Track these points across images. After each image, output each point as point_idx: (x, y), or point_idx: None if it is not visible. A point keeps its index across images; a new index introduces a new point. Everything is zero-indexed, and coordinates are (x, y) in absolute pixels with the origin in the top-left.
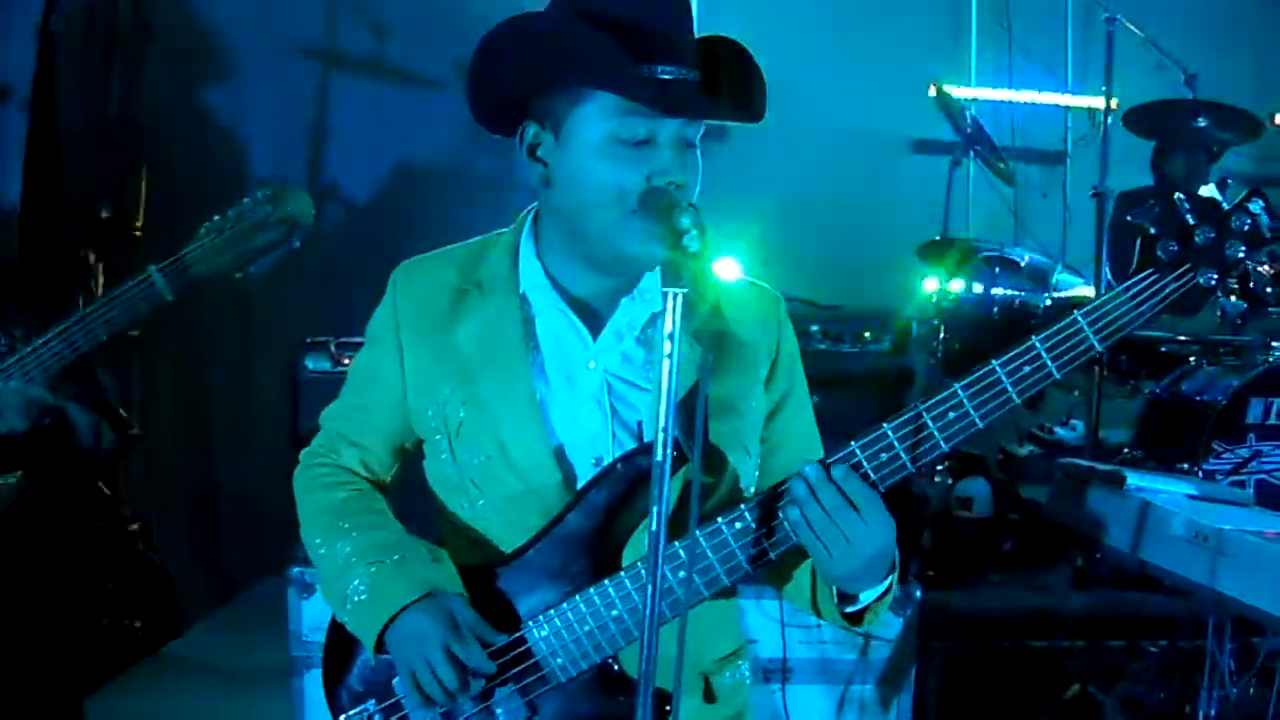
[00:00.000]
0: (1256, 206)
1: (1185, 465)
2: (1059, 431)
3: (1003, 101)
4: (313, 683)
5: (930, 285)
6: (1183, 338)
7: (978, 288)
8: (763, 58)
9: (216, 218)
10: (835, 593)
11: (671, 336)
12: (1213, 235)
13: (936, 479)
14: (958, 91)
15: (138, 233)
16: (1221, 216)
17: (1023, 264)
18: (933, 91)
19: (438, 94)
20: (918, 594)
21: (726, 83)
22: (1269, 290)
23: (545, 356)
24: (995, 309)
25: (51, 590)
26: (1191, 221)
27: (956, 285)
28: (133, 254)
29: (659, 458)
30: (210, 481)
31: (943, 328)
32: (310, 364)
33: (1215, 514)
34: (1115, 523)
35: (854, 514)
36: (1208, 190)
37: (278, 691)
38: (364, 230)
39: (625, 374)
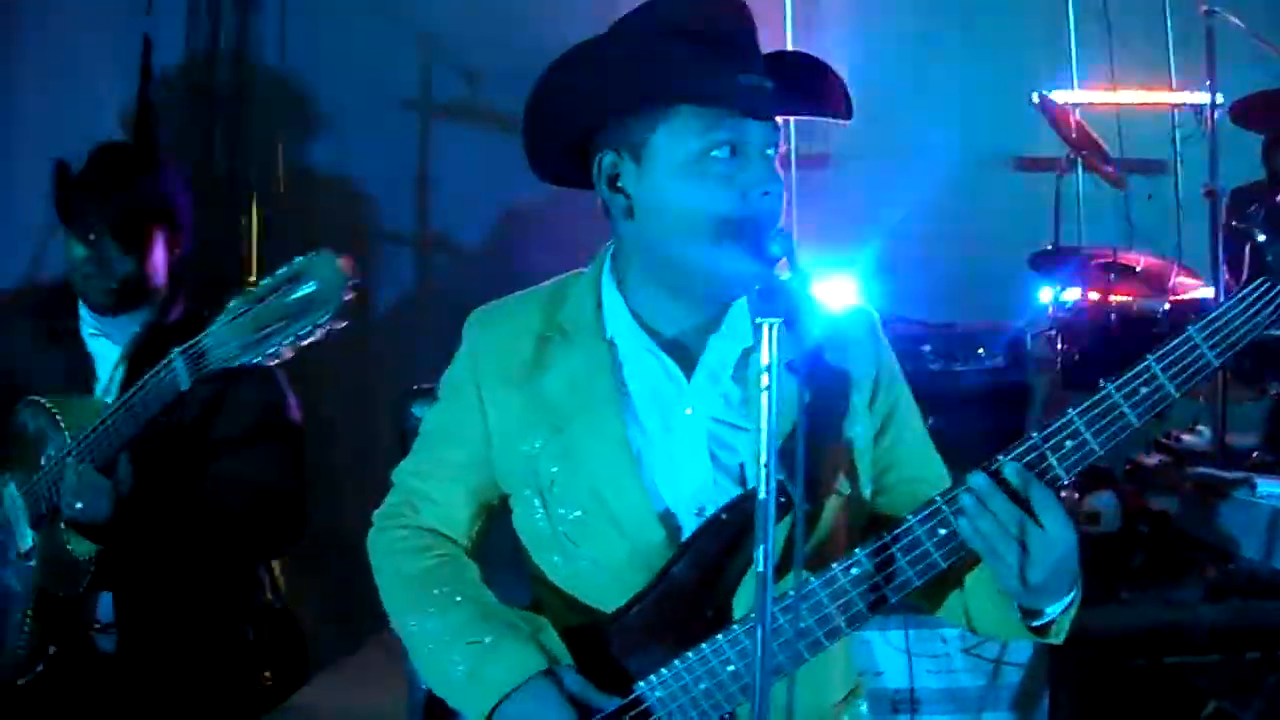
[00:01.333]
0: None
1: None
2: (1186, 439)
3: (1107, 104)
4: None
5: (1045, 295)
6: None
7: (1093, 295)
8: (858, 77)
9: (248, 294)
10: (1016, 606)
11: (769, 369)
12: None
13: (1063, 494)
14: (1060, 96)
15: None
16: None
17: (1138, 268)
18: (1035, 97)
19: None
20: None
21: (805, 85)
22: None
23: (638, 403)
24: (1113, 315)
25: (189, 653)
26: None
27: (1071, 294)
28: None
29: (762, 496)
30: (335, 530)
31: (1060, 338)
32: (417, 411)
33: None
34: (1247, 532)
35: (1030, 520)
36: None
37: None
38: (473, 277)
39: (724, 416)
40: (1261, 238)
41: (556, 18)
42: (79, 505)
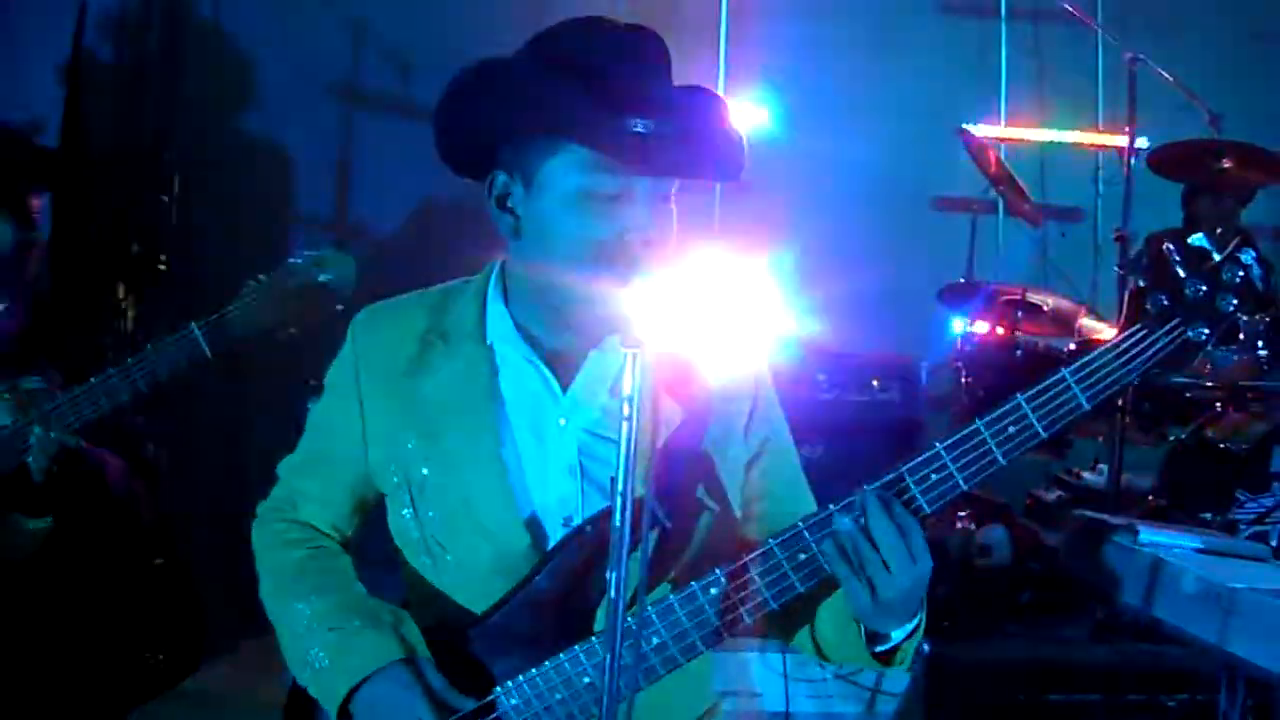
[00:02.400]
0: (1248, 257)
1: (1209, 514)
2: (1086, 477)
3: (1032, 140)
4: None
5: (957, 327)
6: (1209, 384)
7: (1000, 331)
8: (787, 90)
9: (262, 277)
10: (863, 630)
11: (630, 398)
12: (1203, 289)
13: (958, 525)
14: (985, 130)
15: (162, 267)
16: (1213, 268)
17: (1046, 307)
18: (960, 129)
19: None
20: (925, 648)
21: (708, 139)
22: (1260, 342)
23: (512, 411)
24: (1018, 352)
25: (76, 629)
26: (1182, 274)
27: (980, 328)
28: (160, 290)
29: (617, 521)
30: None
31: (964, 371)
32: (311, 405)
33: (1229, 570)
34: (1128, 577)
35: (900, 542)
36: (1197, 240)
37: None
38: (388, 268)
39: (597, 429)
40: (1142, 283)
41: (491, 15)
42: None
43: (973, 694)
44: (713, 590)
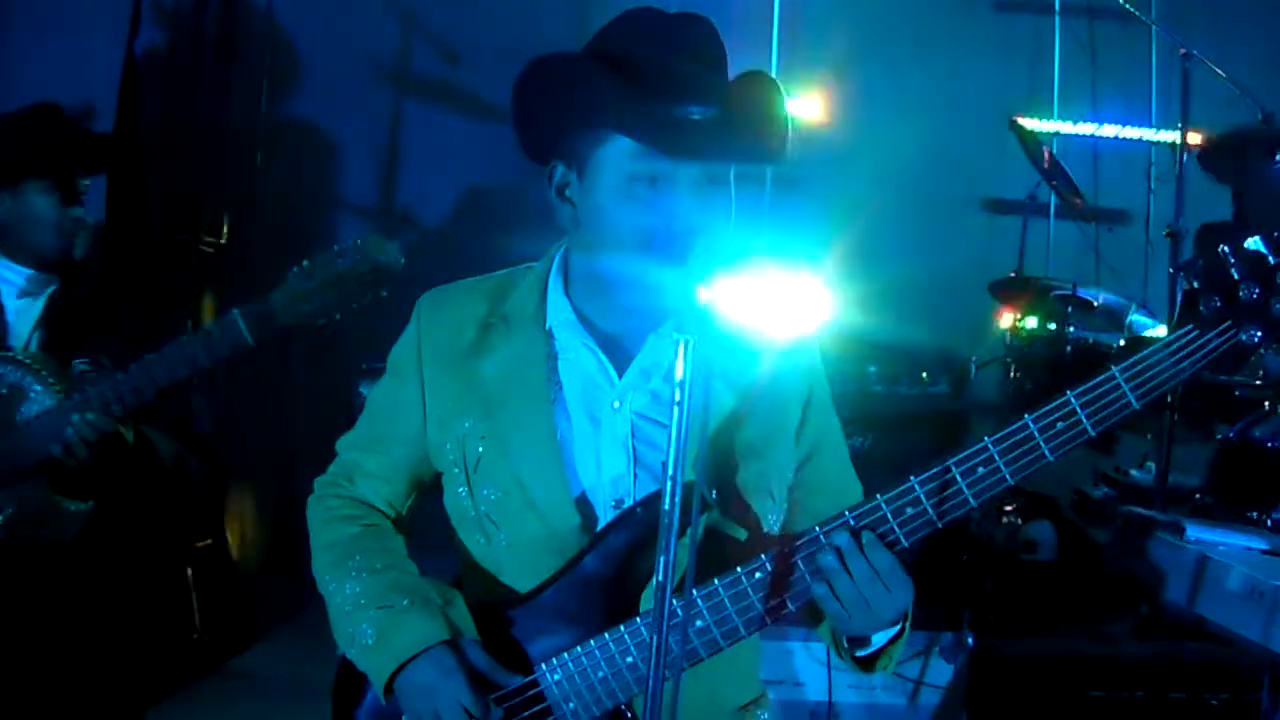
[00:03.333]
0: None
1: (1255, 514)
2: (1134, 474)
3: (1084, 138)
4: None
5: (1005, 322)
6: (1258, 382)
7: (1050, 326)
8: (840, 83)
9: (305, 263)
10: (845, 640)
11: (682, 384)
12: (1258, 291)
13: (1004, 519)
14: (1038, 125)
15: (210, 250)
16: (1268, 271)
17: (1097, 303)
18: (1013, 122)
19: (506, 122)
20: (969, 641)
21: (750, 124)
22: None
23: (568, 394)
24: (1068, 348)
25: (118, 610)
26: (1236, 277)
27: (1030, 323)
28: (211, 275)
29: (666, 506)
30: (285, 500)
31: (1013, 367)
32: (364, 389)
33: (1275, 569)
34: (1173, 574)
35: (879, 584)
36: (1253, 244)
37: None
38: (434, 256)
39: (652, 414)
40: (1196, 285)
41: (538, 3)
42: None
43: (1015, 688)
44: (757, 575)
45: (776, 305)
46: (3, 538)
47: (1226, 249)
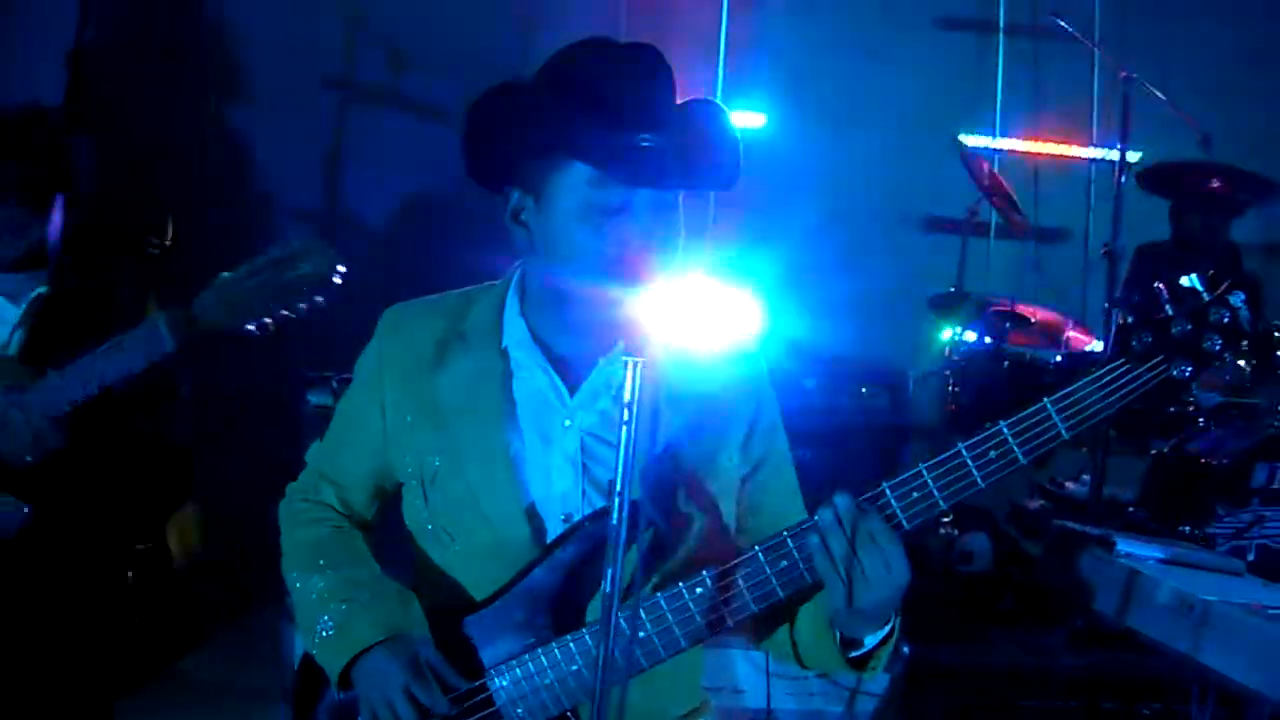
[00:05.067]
0: (1237, 300)
1: (1187, 528)
2: (1069, 487)
3: (1025, 158)
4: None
5: (945, 335)
6: (1190, 408)
7: (988, 341)
8: (786, 91)
9: (227, 274)
10: (838, 636)
11: (630, 405)
12: (1189, 328)
13: (941, 530)
14: (979, 141)
15: (154, 251)
16: (1200, 309)
17: (1034, 320)
18: (955, 140)
19: (450, 127)
20: (905, 650)
21: (702, 150)
22: (1246, 382)
23: (521, 411)
24: (1005, 362)
25: (58, 615)
26: (1170, 313)
27: (968, 338)
28: (157, 277)
29: (614, 521)
30: (218, 507)
31: (951, 380)
32: (313, 398)
33: (1203, 583)
34: (1104, 587)
35: (878, 551)
36: (1188, 280)
37: (270, 716)
38: (378, 262)
39: (601, 432)
40: (1129, 320)
41: (487, 10)
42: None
43: (951, 697)
44: (698, 590)
45: (711, 320)
46: None
47: (1160, 285)
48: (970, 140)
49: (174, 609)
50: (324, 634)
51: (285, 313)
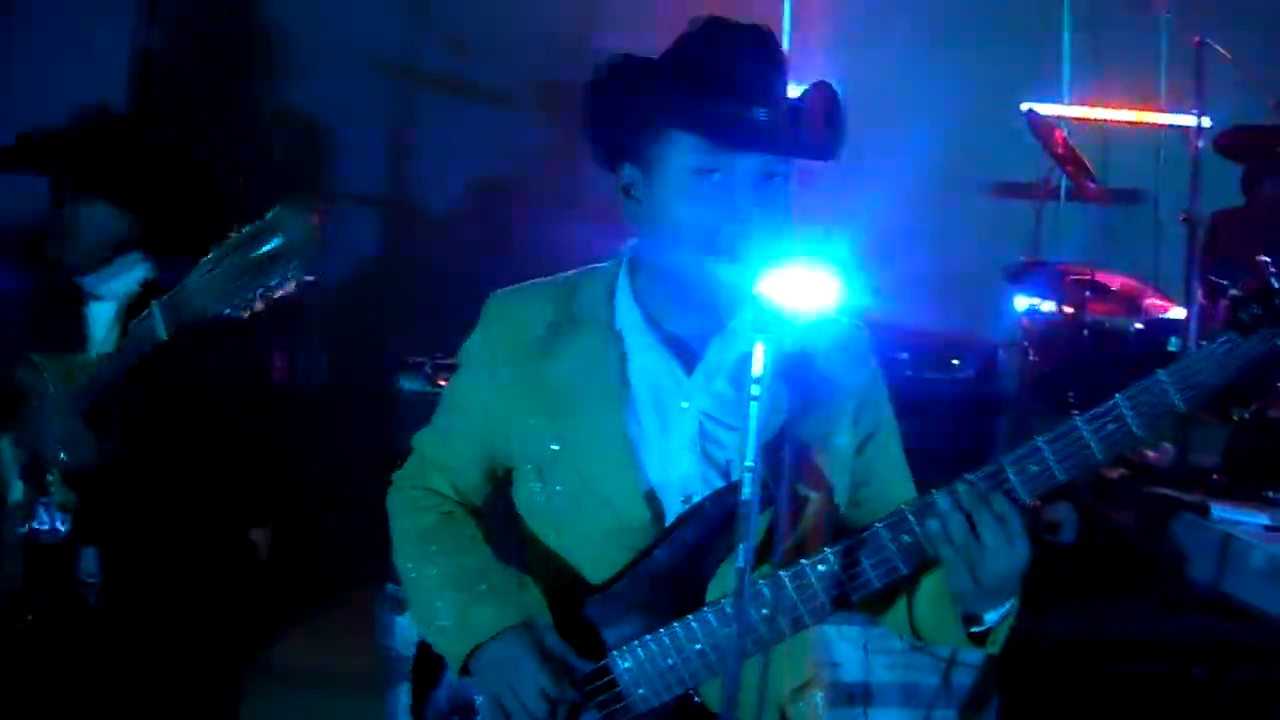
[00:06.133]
0: None
1: (1271, 492)
2: (1150, 454)
3: (1093, 123)
4: (402, 695)
5: (1020, 306)
6: None
7: (1068, 310)
8: (847, 77)
9: (212, 252)
10: (959, 614)
11: (759, 381)
12: None
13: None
14: (1049, 110)
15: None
16: None
17: (1114, 287)
18: (1024, 108)
19: (514, 110)
20: None
21: (806, 123)
22: None
23: (638, 394)
24: (1085, 331)
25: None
26: (1276, 285)
27: (1047, 308)
28: None
29: (745, 497)
30: (303, 494)
31: (1031, 350)
32: (405, 384)
33: None
34: (1198, 553)
35: (1002, 532)
36: None
37: (367, 702)
38: (448, 248)
39: (716, 413)
40: (1237, 293)
41: None
42: (63, 455)
43: (1043, 666)
44: (820, 568)
45: (819, 295)
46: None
47: (1268, 259)
48: (1041, 109)
49: (263, 594)
50: (442, 623)
51: (265, 291)
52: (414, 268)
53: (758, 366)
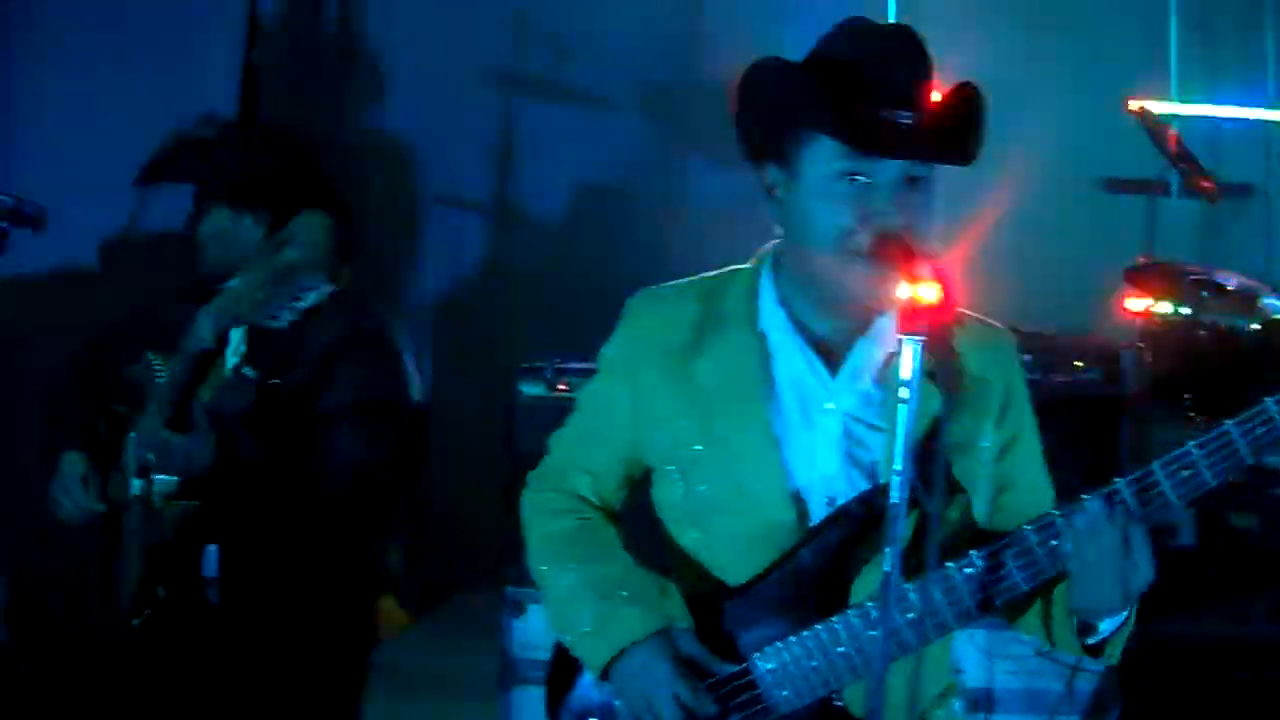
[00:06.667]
0: None
1: None
2: (1269, 459)
3: (1204, 118)
4: (522, 698)
5: (1136, 309)
6: None
7: (1185, 311)
8: (957, 76)
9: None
10: (1075, 623)
11: (908, 384)
12: None
13: None
14: (1158, 107)
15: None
16: None
17: (1230, 286)
18: (1135, 107)
19: (619, 115)
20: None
21: (949, 126)
22: None
23: (782, 395)
24: (1203, 333)
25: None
26: None
27: (1163, 309)
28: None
29: (894, 499)
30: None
31: (1149, 352)
32: (526, 389)
33: None
34: None
35: (1128, 553)
36: None
37: (486, 705)
38: (555, 253)
39: (862, 415)
40: None
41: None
42: (150, 456)
43: (1167, 671)
44: (967, 570)
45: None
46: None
47: None
48: (1154, 106)
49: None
50: (582, 629)
51: (291, 301)
52: (521, 274)
53: (906, 369)
